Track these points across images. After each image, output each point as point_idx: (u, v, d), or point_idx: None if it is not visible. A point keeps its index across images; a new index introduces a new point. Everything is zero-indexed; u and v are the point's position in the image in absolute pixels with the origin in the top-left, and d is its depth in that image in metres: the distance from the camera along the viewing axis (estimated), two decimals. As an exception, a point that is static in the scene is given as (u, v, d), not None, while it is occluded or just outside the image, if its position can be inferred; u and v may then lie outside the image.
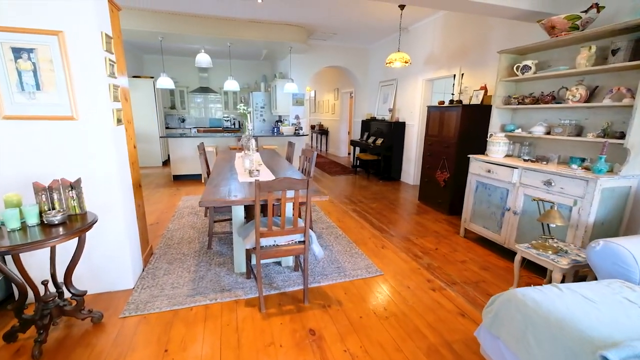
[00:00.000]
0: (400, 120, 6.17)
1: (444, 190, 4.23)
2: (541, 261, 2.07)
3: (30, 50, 1.83)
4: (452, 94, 4.40)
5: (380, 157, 6.25)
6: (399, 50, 4.88)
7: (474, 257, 2.99)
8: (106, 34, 2.04)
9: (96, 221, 1.85)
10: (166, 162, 7.54)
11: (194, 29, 5.17)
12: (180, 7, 4.75)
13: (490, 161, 3.08)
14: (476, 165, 3.25)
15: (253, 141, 3.35)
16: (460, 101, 4.10)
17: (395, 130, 6.05)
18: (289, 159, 4.21)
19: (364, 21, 5.45)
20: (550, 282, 2.14)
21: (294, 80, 6.46)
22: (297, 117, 6.60)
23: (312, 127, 11.50)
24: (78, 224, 1.76)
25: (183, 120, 8.74)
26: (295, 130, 6.50)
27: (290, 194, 2.14)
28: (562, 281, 1.95)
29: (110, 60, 2.07)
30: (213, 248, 3.02)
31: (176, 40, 5.59)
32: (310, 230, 2.18)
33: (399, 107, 6.31)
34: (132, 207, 2.43)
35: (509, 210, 2.89)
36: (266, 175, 2.84)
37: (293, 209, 2.05)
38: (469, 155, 3.36)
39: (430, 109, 4.51)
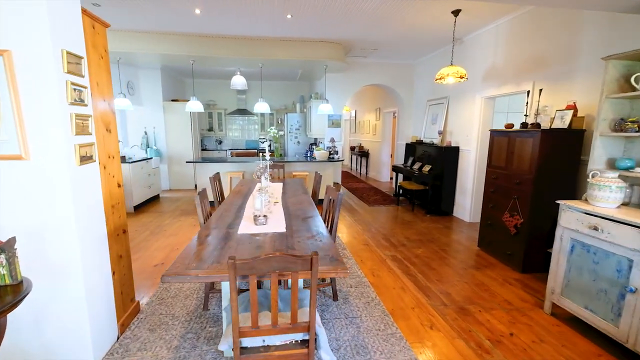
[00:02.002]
0: (453, 145, 5.24)
1: (516, 239, 3.22)
2: None
3: (-31, 74, 1.46)
4: (525, 115, 3.44)
5: (427, 186, 5.33)
6: (451, 64, 4.08)
7: (573, 357, 2.00)
8: (71, 53, 1.62)
9: (27, 294, 1.35)
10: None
11: (224, 51, 4.93)
12: (208, 29, 4.53)
13: (596, 213, 2.11)
14: (572, 216, 2.28)
15: (267, 174, 2.78)
16: (537, 124, 3.14)
17: (446, 156, 5.13)
18: (315, 193, 3.57)
19: (409, 34, 4.76)
20: None
21: (329, 100, 5.92)
22: (332, 140, 6.01)
23: (352, 148, 10.86)
24: (8, 298, 1.29)
25: (220, 142, 8.68)
26: (330, 154, 5.90)
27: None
28: None
29: (74, 84, 1.65)
30: (210, 309, 2.43)
31: (209, 63, 5.43)
32: (319, 325, 1.47)
33: (451, 129, 5.39)
34: (104, 263, 1.95)
35: (634, 292, 1.88)
36: (274, 224, 2.21)
37: (292, 296, 1.36)
38: (558, 202, 2.40)
39: (494, 133, 3.59)
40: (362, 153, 9.89)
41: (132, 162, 5.02)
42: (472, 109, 4.84)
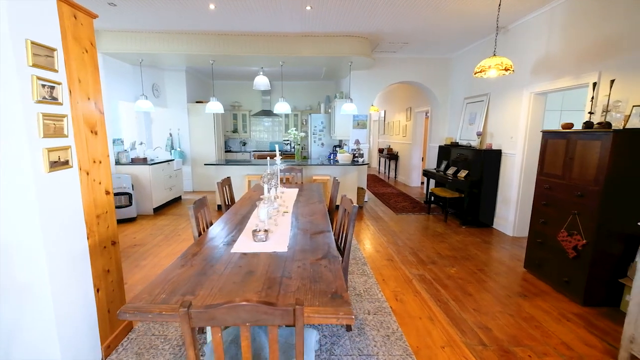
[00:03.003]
0: (494, 148, 4.62)
1: (575, 263, 2.63)
2: None
3: None
4: (590, 113, 2.82)
5: (463, 194, 4.76)
6: (494, 55, 3.52)
7: None
8: (38, 44, 1.41)
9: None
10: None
11: (243, 49, 4.74)
12: (225, 26, 4.35)
13: None
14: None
15: (276, 181, 2.47)
16: (607, 124, 2.54)
17: (486, 161, 4.53)
18: (332, 201, 3.21)
19: (444, 23, 4.25)
20: None
21: (353, 100, 5.53)
22: (356, 142, 5.61)
23: (380, 150, 10.33)
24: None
25: (244, 144, 8.60)
26: (354, 157, 5.50)
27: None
28: None
29: (43, 79, 1.44)
30: (206, 331, 2.17)
31: (229, 62, 5.28)
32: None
33: (492, 130, 4.77)
34: (84, 280, 1.74)
35: None
36: (276, 240, 1.89)
37: (270, 354, 1.01)
38: (643, 224, 1.83)
39: (547, 135, 3.00)
40: (391, 155, 9.35)
41: (152, 164, 4.99)
42: (517, 106, 4.21)
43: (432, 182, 6.00)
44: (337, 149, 6.39)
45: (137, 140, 5.53)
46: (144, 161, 5.03)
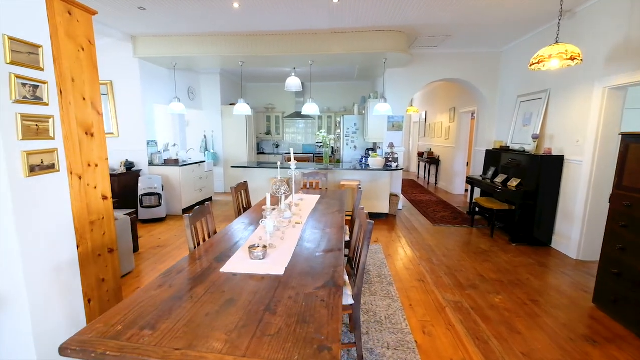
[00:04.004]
0: (555, 154, 3.92)
1: (669, 308, 2.00)
2: None
3: None
4: (694, 109, 2.16)
5: (514, 206, 4.11)
6: (557, 42, 2.93)
7: None
8: (17, 40, 1.32)
9: None
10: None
11: (270, 49, 4.60)
12: (252, 26, 4.24)
13: None
14: None
15: (286, 188, 2.23)
16: None
17: (543, 168, 3.85)
18: (355, 210, 2.88)
19: (494, 12, 3.70)
20: None
21: (387, 99, 5.12)
22: (390, 145, 5.18)
23: (420, 154, 9.66)
24: None
25: (277, 146, 8.57)
26: (387, 162, 5.08)
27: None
28: None
29: (23, 77, 1.34)
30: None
31: (259, 63, 5.20)
32: None
33: (552, 132, 4.06)
34: (71, 290, 1.64)
35: None
36: (275, 259, 1.63)
37: None
38: None
39: (629, 139, 2.37)
40: (431, 160, 8.67)
41: (182, 165, 5.07)
42: (586, 104, 3.50)
43: (478, 191, 5.36)
44: (370, 152, 6.00)
45: (171, 142, 5.69)
46: (175, 162, 5.13)
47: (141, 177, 4.75)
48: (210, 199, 6.20)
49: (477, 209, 4.89)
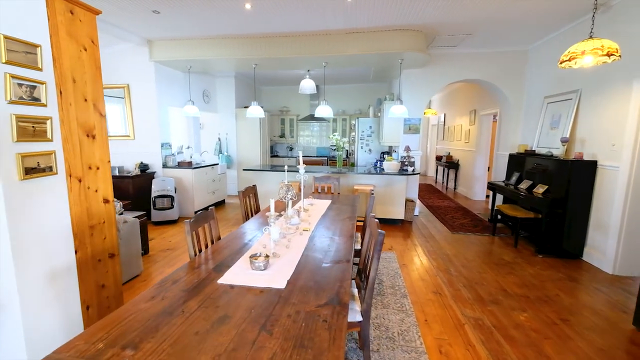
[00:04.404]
0: (587, 159, 3.62)
1: None
2: None
3: None
4: None
5: (541, 214, 3.83)
6: (591, 37, 2.69)
7: None
8: (13, 39, 1.28)
9: None
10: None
11: (283, 50, 4.53)
12: (265, 27, 4.18)
13: None
14: None
15: (293, 194, 2.13)
16: None
17: (574, 174, 3.56)
18: (367, 216, 2.73)
19: (518, 7, 3.47)
20: None
21: (403, 101, 4.94)
22: (406, 149, 4.99)
23: (438, 158, 9.35)
24: None
25: (291, 149, 8.51)
26: (403, 166, 4.89)
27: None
28: None
29: (19, 77, 1.30)
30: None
31: (272, 65, 5.14)
32: None
33: (584, 135, 3.76)
34: (68, 296, 1.59)
35: None
36: (277, 270, 1.52)
37: None
38: None
39: (678, 141, 2.11)
40: (450, 164, 8.36)
41: (195, 168, 5.08)
42: (624, 105, 3.21)
43: (500, 197, 5.07)
44: (385, 155, 5.83)
45: (186, 145, 5.73)
46: (188, 165, 5.15)
47: (155, 179, 4.78)
48: (223, 202, 6.20)
49: (499, 216, 4.61)
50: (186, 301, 1.26)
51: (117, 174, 4.68)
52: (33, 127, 1.38)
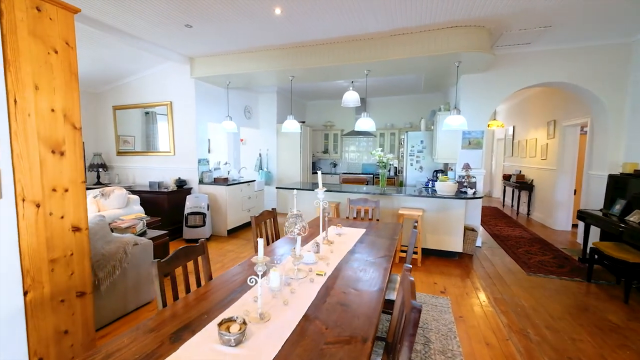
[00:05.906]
0: None
1: None
2: None
3: None
4: None
5: (665, 262, 2.72)
6: None
7: None
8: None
9: None
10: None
11: (321, 59, 4.16)
12: (299, 36, 3.87)
13: None
14: None
15: (303, 225, 1.64)
16: None
17: None
18: (408, 253, 2.10)
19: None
20: None
21: (461, 111, 4.16)
22: (465, 167, 4.16)
23: (506, 177, 8.03)
24: None
25: (335, 165, 8.06)
26: (461, 187, 4.07)
27: None
28: None
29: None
30: None
31: (309, 77, 4.81)
32: None
33: None
34: (13, 350, 1.28)
35: None
36: (255, 350, 1.01)
37: None
38: None
39: None
40: (521, 184, 7.06)
41: (229, 184, 4.90)
42: None
43: (596, 231, 3.92)
44: (439, 174, 5.02)
45: (226, 161, 5.65)
46: (224, 181, 5.01)
47: (189, 195, 4.70)
48: (260, 220, 5.95)
49: (596, 256, 3.48)
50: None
51: (157, 189, 4.71)
52: (-35, 141, 1.13)
